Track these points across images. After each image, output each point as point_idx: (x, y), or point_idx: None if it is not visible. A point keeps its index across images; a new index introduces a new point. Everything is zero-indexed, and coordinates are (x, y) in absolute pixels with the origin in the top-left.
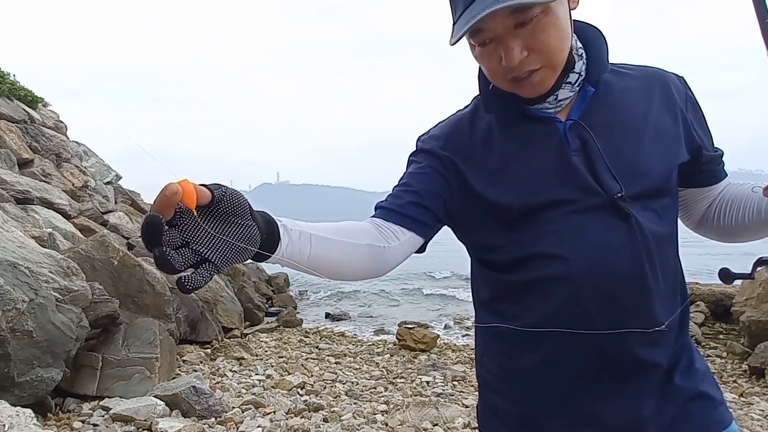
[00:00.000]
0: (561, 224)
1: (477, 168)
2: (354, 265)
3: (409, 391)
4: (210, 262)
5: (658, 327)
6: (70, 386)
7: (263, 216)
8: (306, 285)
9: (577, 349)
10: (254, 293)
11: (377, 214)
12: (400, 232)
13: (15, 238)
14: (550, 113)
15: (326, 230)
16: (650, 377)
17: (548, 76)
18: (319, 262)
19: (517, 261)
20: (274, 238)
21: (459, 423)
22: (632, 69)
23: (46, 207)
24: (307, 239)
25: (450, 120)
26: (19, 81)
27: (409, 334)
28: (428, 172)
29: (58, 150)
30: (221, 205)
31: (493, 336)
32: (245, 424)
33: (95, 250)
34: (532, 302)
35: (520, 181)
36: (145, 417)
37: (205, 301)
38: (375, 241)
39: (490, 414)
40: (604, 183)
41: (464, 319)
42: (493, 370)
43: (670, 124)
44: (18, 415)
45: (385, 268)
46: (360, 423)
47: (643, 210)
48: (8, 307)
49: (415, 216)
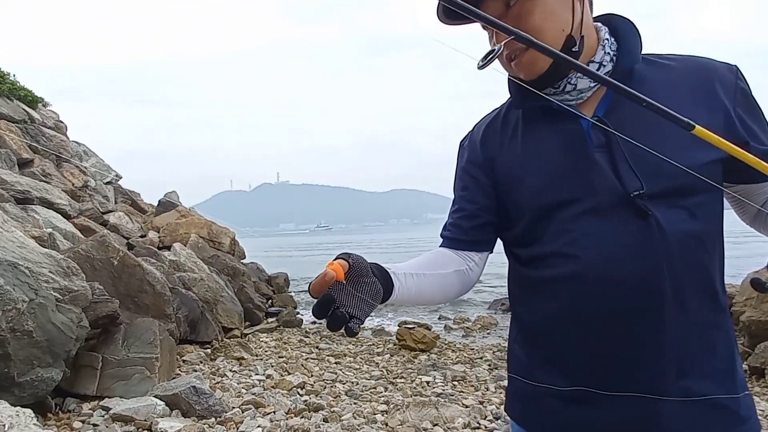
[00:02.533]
0: (576, 222)
1: (505, 166)
2: (447, 291)
3: (409, 391)
4: (357, 318)
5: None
6: (70, 386)
7: (378, 268)
8: (306, 285)
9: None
10: (254, 293)
11: (447, 245)
12: (473, 255)
13: (15, 238)
14: (572, 106)
15: (420, 266)
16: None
17: (538, 57)
18: (422, 296)
19: (536, 258)
20: (389, 284)
21: (459, 423)
22: (673, 60)
23: (46, 207)
24: (412, 279)
25: (486, 118)
26: (19, 81)
27: (409, 334)
28: (475, 187)
29: (58, 150)
30: (355, 269)
31: (518, 324)
32: (245, 424)
33: (95, 250)
34: (547, 299)
35: (538, 180)
36: (145, 417)
37: (205, 301)
38: (458, 266)
39: (511, 394)
40: (624, 180)
41: (464, 319)
42: (519, 355)
43: (706, 117)
44: (18, 415)
45: (470, 285)
46: (360, 423)
47: (668, 208)
48: (8, 307)
49: (480, 238)
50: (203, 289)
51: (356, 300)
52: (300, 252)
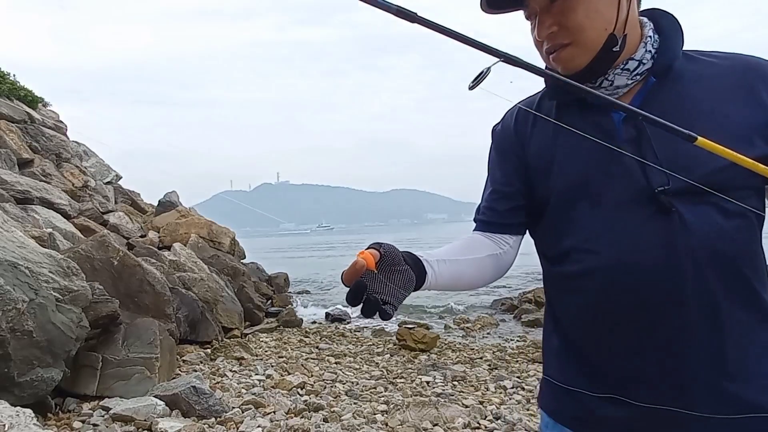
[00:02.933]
0: (598, 216)
1: (535, 154)
2: (482, 275)
3: (409, 391)
4: (390, 304)
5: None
6: (70, 386)
7: (411, 257)
8: (306, 285)
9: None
10: (254, 293)
11: (482, 228)
12: (507, 237)
13: (15, 238)
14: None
15: (454, 252)
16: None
17: (578, 54)
18: (456, 282)
19: (561, 254)
20: (422, 272)
21: (459, 423)
22: (717, 57)
23: (46, 207)
24: (444, 266)
25: (518, 108)
26: (19, 81)
27: (409, 334)
28: (508, 171)
29: (58, 150)
30: (386, 258)
31: (552, 324)
32: (245, 424)
33: (95, 250)
34: (573, 295)
35: (564, 171)
36: (145, 417)
37: (205, 301)
38: (492, 250)
39: (544, 384)
40: (650, 175)
41: (464, 319)
42: (552, 355)
43: (747, 114)
44: (18, 415)
45: (505, 269)
46: (360, 423)
47: (695, 205)
48: (8, 307)
49: (513, 221)
50: (203, 289)
51: (388, 288)
52: (300, 252)
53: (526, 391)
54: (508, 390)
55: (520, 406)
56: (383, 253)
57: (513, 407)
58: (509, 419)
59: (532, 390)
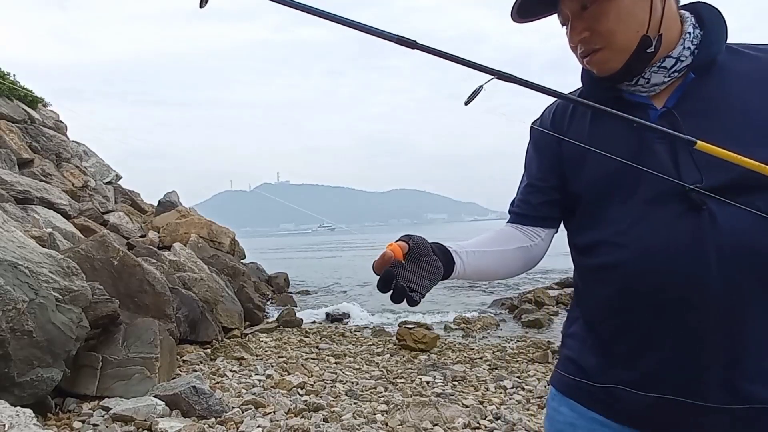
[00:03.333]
0: (628, 211)
1: (570, 150)
2: (510, 267)
3: (409, 391)
4: (417, 291)
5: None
6: (70, 386)
7: (440, 247)
8: (306, 285)
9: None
10: (254, 293)
11: (515, 220)
12: (540, 230)
13: (15, 238)
14: (643, 98)
15: (483, 244)
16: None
17: (611, 58)
18: (483, 272)
19: (590, 246)
20: (450, 263)
21: (459, 423)
22: (763, 51)
23: (46, 207)
24: (473, 257)
25: (558, 103)
26: (19, 81)
27: (409, 334)
28: (545, 166)
29: (58, 150)
30: (415, 249)
31: (580, 315)
32: (245, 424)
33: (95, 250)
34: (600, 286)
35: (597, 166)
36: (145, 417)
37: (205, 301)
38: (522, 243)
39: (560, 365)
40: (682, 172)
41: (464, 319)
42: (574, 344)
43: None
44: (18, 415)
45: (535, 261)
46: (360, 423)
47: (727, 203)
48: (8, 307)
49: (547, 215)
50: (203, 289)
51: (415, 277)
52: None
53: (526, 391)
54: (508, 390)
55: (520, 406)
56: (411, 245)
57: (513, 407)
58: (509, 419)
59: (532, 390)
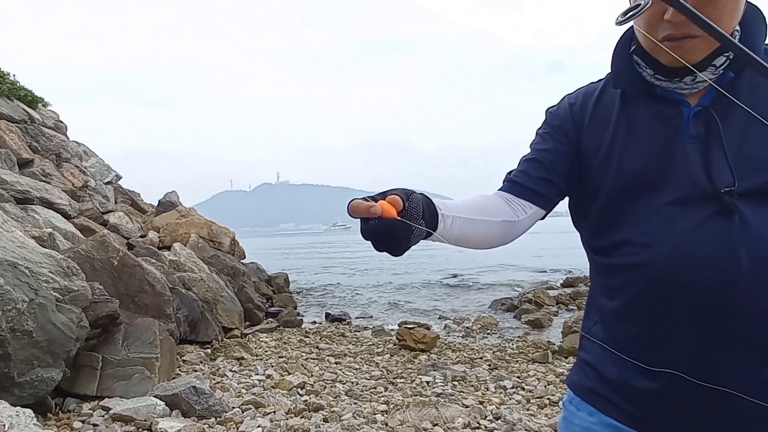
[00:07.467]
0: (654, 212)
1: (592, 142)
2: (490, 239)
3: (409, 391)
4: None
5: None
6: (70, 386)
7: (430, 210)
8: (306, 285)
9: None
10: (254, 293)
11: (508, 188)
12: (528, 206)
13: (15, 238)
14: (681, 95)
15: (473, 210)
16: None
17: (702, 48)
18: (462, 241)
19: (612, 245)
20: (433, 227)
21: (459, 423)
22: None
23: (46, 207)
24: (458, 222)
25: (580, 92)
26: (19, 81)
27: (409, 334)
28: (555, 149)
29: (58, 150)
30: (410, 212)
31: (598, 314)
32: (245, 424)
33: (95, 250)
34: (622, 287)
35: (624, 162)
36: (145, 417)
37: (205, 301)
38: (508, 217)
39: (577, 366)
40: (715, 175)
41: (464, 319)
42: (593, 343)
43: None
44: (18, 415)
45: (512, 237)
46: (360, 423)
47: (761, 207)
48: (8, 307)
49: (543, 192)
50: (203, 289)
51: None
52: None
53: (526, 391)
54: (508, 390)
55: (520, 406)
56: (407, 207)
57: (513, 407)
58: (509, 419)
59: (532, 390)
